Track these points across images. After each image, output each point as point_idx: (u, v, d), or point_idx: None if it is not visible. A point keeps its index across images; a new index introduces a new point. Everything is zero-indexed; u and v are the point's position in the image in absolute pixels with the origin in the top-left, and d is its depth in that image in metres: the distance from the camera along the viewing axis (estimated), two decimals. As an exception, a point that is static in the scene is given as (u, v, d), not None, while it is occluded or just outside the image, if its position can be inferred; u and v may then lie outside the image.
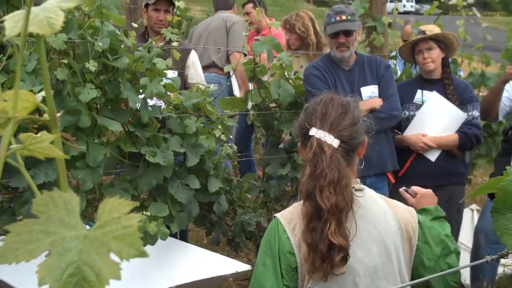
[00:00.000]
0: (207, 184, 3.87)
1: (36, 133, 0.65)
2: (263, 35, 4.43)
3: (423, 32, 4.61)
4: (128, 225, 0.55)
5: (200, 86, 4.04)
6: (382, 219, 2.19)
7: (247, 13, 6.80)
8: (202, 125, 3.83)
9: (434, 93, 4.51)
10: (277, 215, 2.25)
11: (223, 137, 3.93)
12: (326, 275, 2.05)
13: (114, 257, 0.54)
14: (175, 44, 3.98)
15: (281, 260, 2.15)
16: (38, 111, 0.73)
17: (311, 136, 2.13)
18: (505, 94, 4.82)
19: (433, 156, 4.50)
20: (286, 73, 4.39)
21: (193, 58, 4.97)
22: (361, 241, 2.13)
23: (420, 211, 2.45)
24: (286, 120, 4.38)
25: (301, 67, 5.32)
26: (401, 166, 4.54)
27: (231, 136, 4.46)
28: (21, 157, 0.69)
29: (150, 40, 4.11)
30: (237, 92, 5.81)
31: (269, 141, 4.60)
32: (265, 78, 4.50)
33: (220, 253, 4.04)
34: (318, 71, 4.24)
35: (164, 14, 4.90)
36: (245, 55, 4.96)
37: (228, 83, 5.46)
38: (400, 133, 4.58)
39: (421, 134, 4.46)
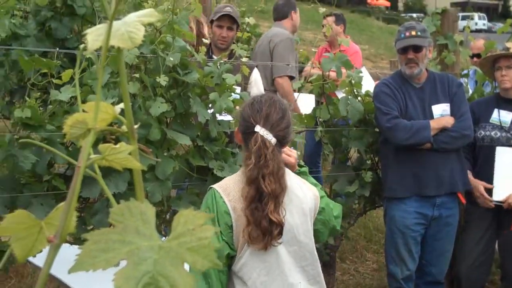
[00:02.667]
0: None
1: (114, 144, 0.66)
2: (341, 51, 4.36)
3: (507, 49, 4.48)
4: (203, 236, 0.55)
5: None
6: (299, 191, 2.69)
7: (323, 25, 6.60)
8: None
9: (498, 149, 4.40)
10: (213, 186, 2.69)
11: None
12: (267, 246, 2.53)
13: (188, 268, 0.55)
14: (244, 60, 4.01)
15: (219, 219, 2.56)
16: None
17: (256, 132, 2.56)
18: None
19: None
20: (355, 90, 4.37)
21: (256, 76, 4.94)
22: (286, 206, 2.58)
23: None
24: (355, 138, 4.34)
25: None
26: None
27: (298, 153, 4.45)
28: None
29: (213, 56, 4.13)
30: None
31: (337, 158, 4.57)
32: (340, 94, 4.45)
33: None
34: (388, 89, 4.18)
35: (227, 31, 4.92)
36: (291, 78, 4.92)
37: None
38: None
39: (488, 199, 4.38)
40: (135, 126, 0.65)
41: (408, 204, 4.18)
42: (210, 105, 3.61)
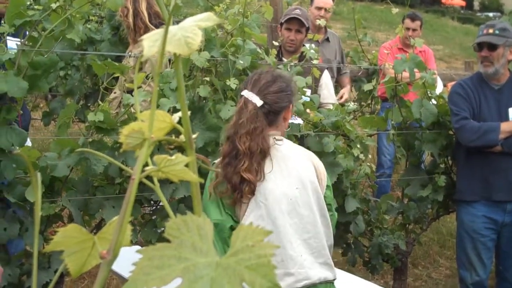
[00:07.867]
0: (344, 203, 3.81)
1: (171, 153, 0.64)
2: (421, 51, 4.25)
3: None
4: (262, 254, 0.52)
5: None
6: (298, 161, 2.78)
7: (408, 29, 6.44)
8: (340, 143, 3.79)
9: None
10: (215, 162, 2.79)
11: (361, 156, 3.86)
12: (236, 201, 2.65)
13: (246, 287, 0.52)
14: (315, 62, 3.97)
15: None
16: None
17: (242, 95, 2.73)
18: None
19: None
20: (429, 92, 4.26)
21: (326, 79, 4.89)
22: (280, 176, 2.71)
23: None
24: (428, 140, 4.24)
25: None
26: None
27: (369, 157, 4.37)
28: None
29: (283, 58, 4.10)
30: None
31: (410, 162, 4.48)
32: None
33: (356, 275, 3.96)
34: (463, 90, 4.09)
35: (295, 34, 4.86)
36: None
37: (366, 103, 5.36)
38: None
39: None
40: (194, 136, 0.63)
41: (476, 208, 4.09)
42: (280, 108, 3.59)
